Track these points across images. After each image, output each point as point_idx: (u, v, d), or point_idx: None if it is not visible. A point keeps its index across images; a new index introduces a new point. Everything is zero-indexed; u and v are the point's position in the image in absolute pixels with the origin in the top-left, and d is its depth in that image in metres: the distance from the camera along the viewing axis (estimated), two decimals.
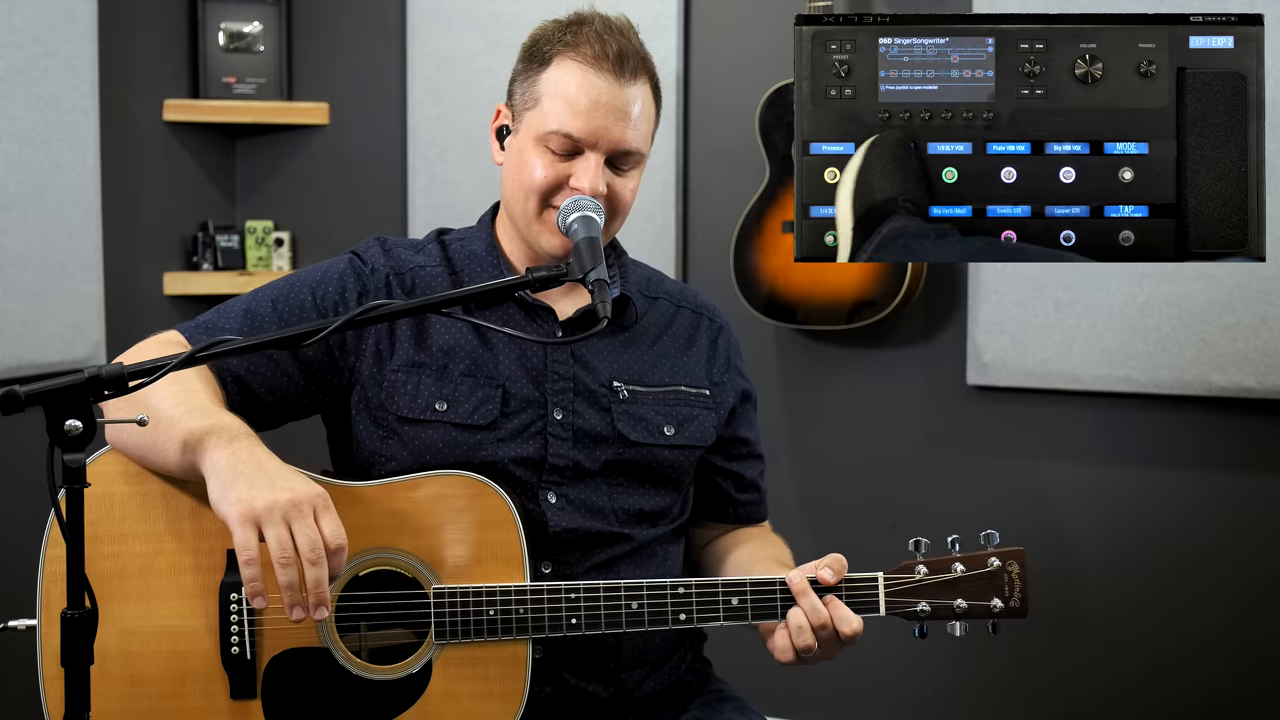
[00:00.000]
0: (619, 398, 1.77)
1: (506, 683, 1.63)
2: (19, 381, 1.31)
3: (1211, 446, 2.86)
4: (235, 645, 1.61)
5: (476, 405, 1.72)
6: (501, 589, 1.63)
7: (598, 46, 1.70)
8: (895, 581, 1.65)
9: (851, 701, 3.19)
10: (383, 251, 1.81)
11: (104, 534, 1.62)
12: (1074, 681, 3.00)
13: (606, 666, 1.74)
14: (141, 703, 1.61)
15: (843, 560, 1.65)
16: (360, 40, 3.53)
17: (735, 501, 1.93)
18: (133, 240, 3.32)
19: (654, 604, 1.64)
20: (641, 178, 1.79)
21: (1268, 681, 2.83)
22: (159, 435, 1.57)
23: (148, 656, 1.62)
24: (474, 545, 1.64)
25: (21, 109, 2.90)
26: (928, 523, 3.09)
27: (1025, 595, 1.65)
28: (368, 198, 3.54)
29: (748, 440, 1.92)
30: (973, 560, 1.66)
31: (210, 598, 1.62)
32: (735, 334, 1.94)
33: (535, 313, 1.78)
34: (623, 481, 1.77)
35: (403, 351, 1.74)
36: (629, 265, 1.88)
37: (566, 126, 1.69)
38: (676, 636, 1.84)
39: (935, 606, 1.65)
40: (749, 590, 1.65)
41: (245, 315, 1.75)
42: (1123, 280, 2.83)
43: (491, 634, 1.62)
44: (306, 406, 1.78)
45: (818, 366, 3.21)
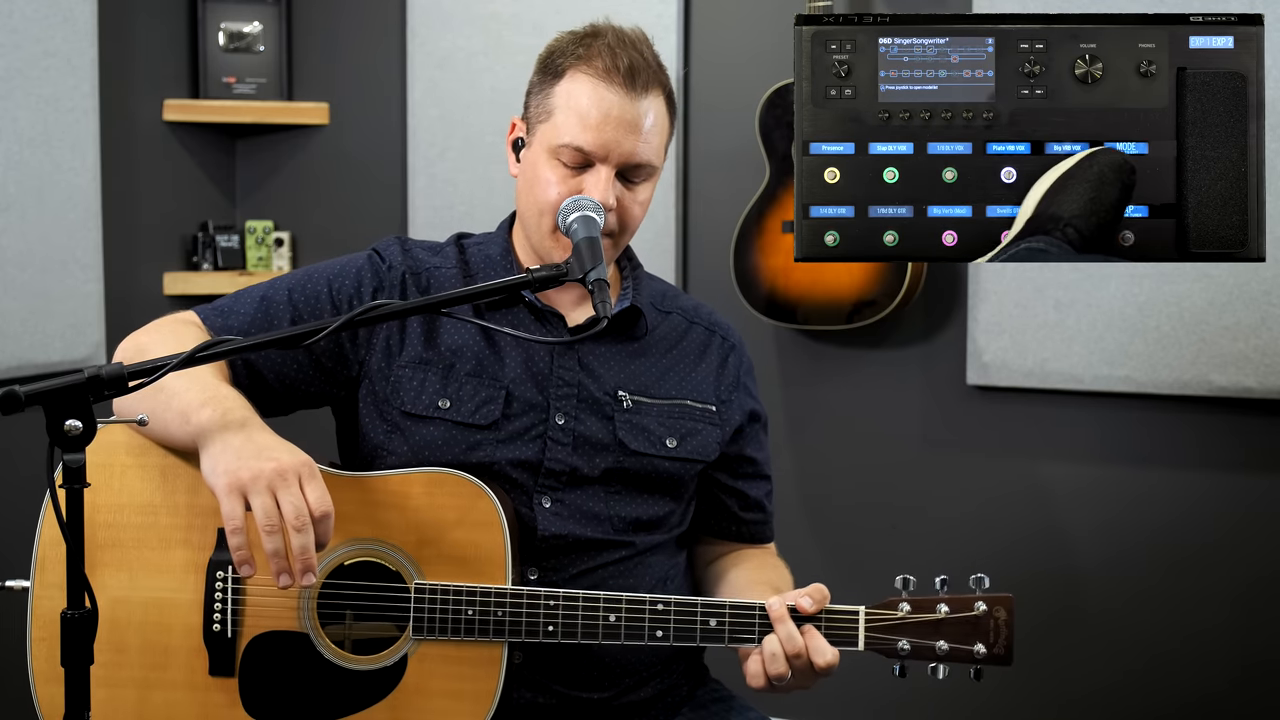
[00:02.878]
0: (622, 407, 1.77)
1: (479, 683, 1.63)
2: (19, 381, 1.32)
3: (1211, 446, 2.86)
4: (217, 623, 1.63)
5: (479, 405, 1.73)
6: (482, 590, 1.63)
7: (609, 60, 1.71)
8: (877, 617, 1.62)
9: (851, 701, 3.19)
10: (402, 250, 1.83)
11: (101, 503, 1.65)
12: (1073, 681, 3.00)
13: (592, 675, 1.74)
14: (123, 670, 1.64)
15: (824, 591, 1.63)
16: (360, 40, 3.53)
17: (738, 520, 1.92)
18: (133, 240, 3.32)
19: (631, 618, 1.64)
20: (653, 190, 1.80)
21: (1266, 681, 2.83)
22: (160, 406, 1.59)
23: (133, 626, 1.65)
24: (460, 545, 1.65)
25: (21, 109, 2.90)
26: (927, 523, 3.11)
27: (1010, 642, 1.61)
28: (368, 198, 3.54)
29: (754, 460, 1.91)
30: (958, 603, 1.62)
31: (199, 573, 1.65)
32: (749, 356, 1.94)
33: (545, 318, 1.79)
34: (621, 489, 1.78)
35: (411, 348, 1.75)
36: (643, 278, 1.88)
37: (577, 140, 1.70)
38: (670, 650, 1.83)
39: (916, 646, 1.62)
40: (728, 613, 1.64)
41: (261, 303, 1.77)
42: (1123, 280, 2.83)
43: (469, 634, 1.63)
44: (314, 396, 1.79)
45: (818, 366, 3.21)
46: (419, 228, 3.41)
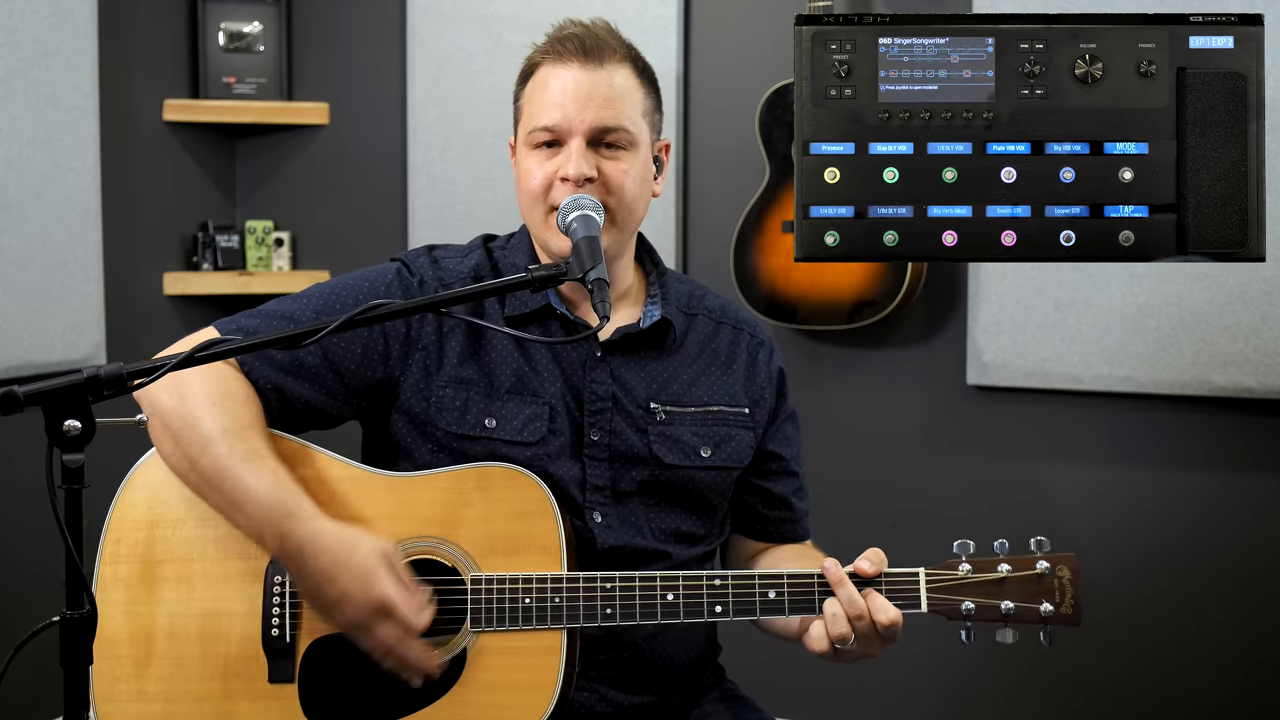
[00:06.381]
0: (656, 419, 1.77)
1: (539, 673, 1.62)
2: (18, 381, 1.31)
3: (1211, 446, 2.86)
4: (275, 628, 1.64)
5: (525, 423, 1.73)
6: (538, 577, 1.63)
7: (561, 44, 1.75)
8: (938, 577, 1.61)
9: (858, 703, 3.19)
10: (431, 261, 1.82)
11: (159, 518, 1.68)
12: (1076, 681, 3.00)
13: (644, 678, 1.75)
14: (182, 685, 1.65)
15: (881, 554, 1.63)
16: (360, 40, 3.53)
17: (764, 519, 1.91)
18: (133, 240, 3.32)
19: (690, 595, 1.63)
20: (655, 169, 1.80)
21: (1270, 681, 2.83)
22: (214, 482, 1.64)
23: (191, 639, 1.65)
24: (514, 535, 1.65)
25: (21, 109, 2.90)
26: (928, 523, 3.11)
27: (1078, 601, 1.58)
28: (368, 198, 3.54)
29: (780, 456, 1.89)
30: (1020, 562, 1.60)
31: (256, 581, 1.66)
32: (780, 353, 1.93)
33: (577, 331, 1.78)
34: (659, 502, 1.78)
35: (450, 367, 1.75)
36: (670, 283, 1.87)
37: (541, 120, 1.73)
38: (708, 651, 1.84)
39: (980, 606, 1.59)
40: (786, 582, 1.63)
41: (288, 325, 1.74)
42: (1123, 280, 2.83)
43: (526, 622, 1.62)
44: (341, 420, 1.80)
45: (818, 366, 3.21)
46: (419, 227, 3.41)
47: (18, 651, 1.35)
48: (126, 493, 1.69)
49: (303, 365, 1.72)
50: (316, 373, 1.73)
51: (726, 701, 1.87)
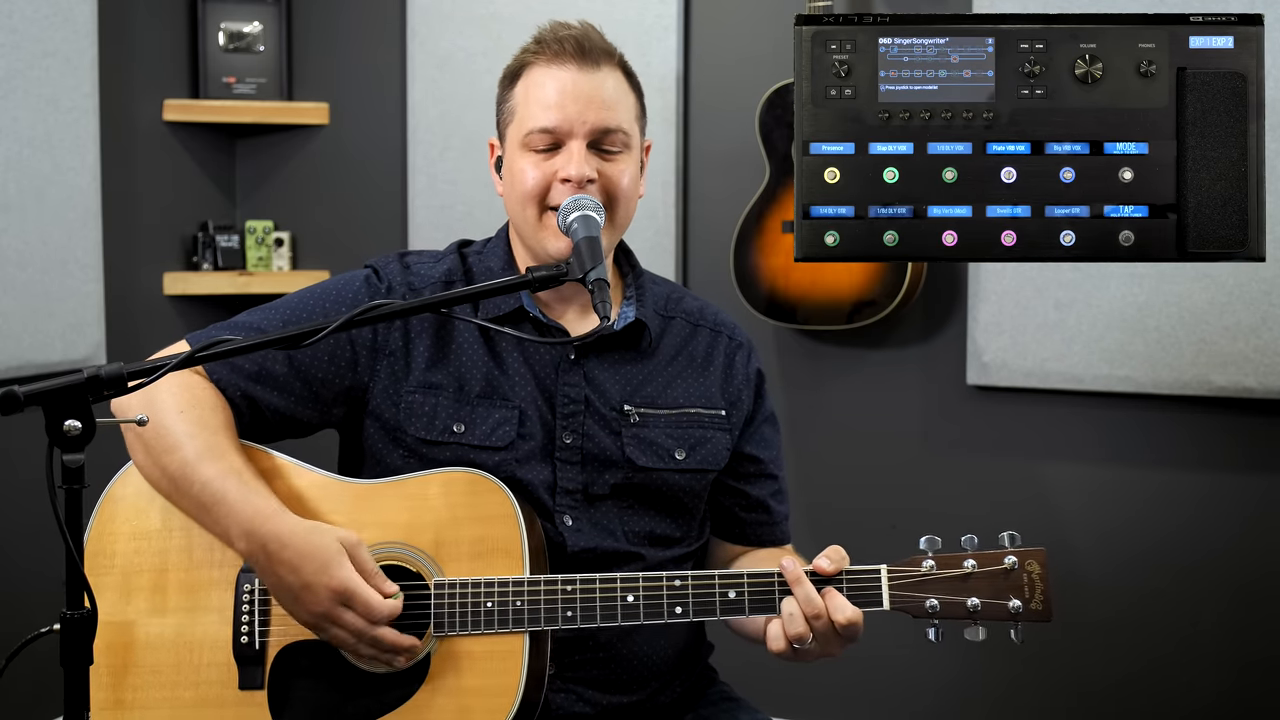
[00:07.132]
0: (629, 421, 1.77)
1: (502, 677, 1.63)
2: (19, 381, 1.32)
3: (1211, 446, 2.86)
4: (245, 634, 1.65)
5: (494, 427, 1.73)
6: (500, 581, 1.63)
7: (556, 45, 1.75)
8: (901, 574, 1.59)
9: (853, 703, 3.19)
10: (402, 267, 1.82)
11: (129, 530, 1.70)
12: (1073, 681, 3.00)
13: (622, 678, 1.75)
14: (158, 692, 1.66)
15: (842, 551, 1.61)
16: (360, 40, 3.53)
17: (742, 521, 1.90)
18: (133, 240, 3.32)
19: (650, 596, 1.63)
20: (640, 169, 1.80)
21: (1266, 681, 2.83)
22: (181, 486, 1.66)
23: (165, 647, 1.66)
24: (477, 540, 1.66)
25: (21, 109, 2.90)
26: (928, 523, 3.09)
27: (1048, 597, 1.54)
28: (368, 198, 3.54)
29: (758, 458, 1.88)
30: (987, 558, 1.57)
31: (227, 589, 1.67)
32: (760, 356, 1.92)
33: (550, 334, 1.78)
34: (633, 504, 1.77)
35: (418, 372, 1.75)
36: (646, 285, 1.86)
37: (541, 121, 1.72)
38: (689, 649, 1.84)
39: (945, 603, 1.56)
40: (745, 583, 1.63)
41: (257, 336, 1.74)
42: (1123, 280, 2.83)
43: (489, 626, 1.63)
44: (313, 428, 1.80)
45: (818, 366, 3.21)
46: (419, 227, 3.41)
47: (15, 655, 1.35)
48: (105, 505, 1.71)
49: (270, 374, 1.73)
50: (284, 381, 1.74)
51: (722, 703, 1.87)
